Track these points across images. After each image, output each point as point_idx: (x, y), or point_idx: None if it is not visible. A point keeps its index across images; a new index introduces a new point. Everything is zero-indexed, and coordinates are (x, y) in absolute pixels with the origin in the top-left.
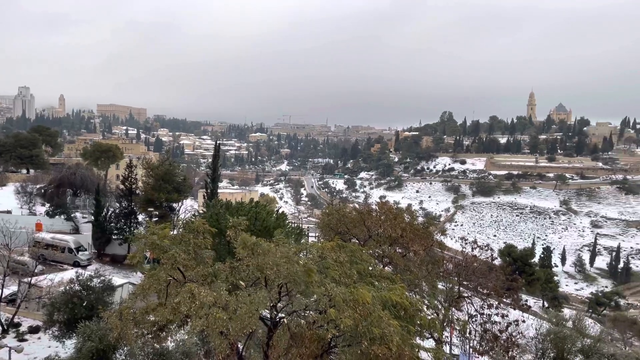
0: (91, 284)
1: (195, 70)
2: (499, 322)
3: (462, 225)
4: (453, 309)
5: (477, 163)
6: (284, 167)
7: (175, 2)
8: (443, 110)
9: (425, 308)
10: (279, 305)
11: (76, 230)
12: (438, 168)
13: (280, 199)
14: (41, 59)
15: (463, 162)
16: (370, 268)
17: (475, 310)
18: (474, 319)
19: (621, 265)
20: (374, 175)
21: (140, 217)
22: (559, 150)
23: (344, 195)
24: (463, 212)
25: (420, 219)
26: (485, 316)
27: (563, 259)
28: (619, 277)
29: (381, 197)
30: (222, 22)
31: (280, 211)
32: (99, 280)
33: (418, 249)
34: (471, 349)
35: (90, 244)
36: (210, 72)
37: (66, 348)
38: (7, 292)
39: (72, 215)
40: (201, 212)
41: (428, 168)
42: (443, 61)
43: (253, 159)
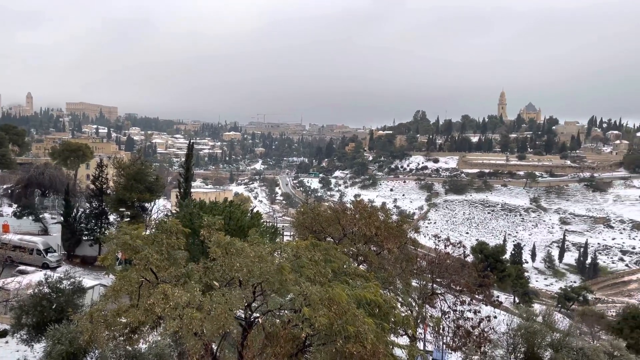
0: (61, 286)
1: (170, 68)
2: (472, 318)
3: (435, 223)
4: (427, 305)
5: (449, 161)
6: (258, 166)
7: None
8: (416, 109)
9: (399, 305)
10: (254, 304)
11: (45, 232)
12: (412, 167)
13: (255, 198)
14: (7, 55)
15: (436, 161)
16: (344, 266)
17: (449, 307)
18: (447, 316)
19: (589, 260)
20: (348, 174)
21: (112, 218)
22: (528, 149)
23: (319, 194)
24: (436, 210)
25: (394, 217)
26: (458, 312)
27: (533, 255)
28: (587, 273)
29: (356, 196)
30: (199, 20)
31: (254, 210)
32: (68, 282)
33: (392, 247)
34: (444, 345)
35: (60, 245)
36: (185, 71)
37: (35, 352)
38: None
39: (41, 216)
40: (174, 212)
41: (402, 167)
42: (417, 61)
43: (227, 158)
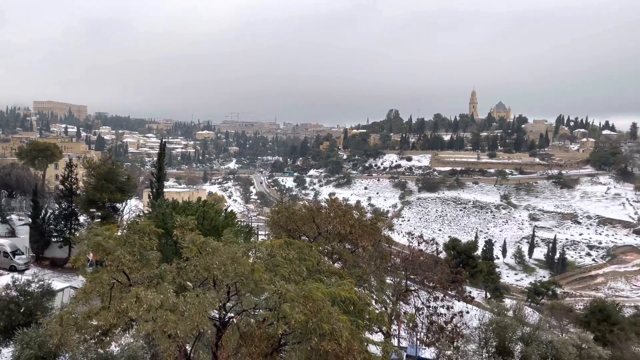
0: (29, 289)
1: (144, 67)
2: (445, 314)
3: (408, 220)
4: (401, 302)
5: (422, 160)
6: (232, 165)
7: None
8: (390, 108)
9: (373, 302)
10: (228, 304)
11: (12, 234)
12: (385, 165)
13: (229, 197)
14: None
15: (409, 159)
16: (319, 264)
17: (422, 303)
18: (420, 312)
19: (557, 256)
20: (323, 172)
21: (82, 219)
22: (499, 147)
23: (294, 193)
24: (410, 208)
25: (368, 215)
26: (431, 308)
27: (504, 251)
28: (556, 267)
29: (330, 194)
30: (175, 20)
31: (229, 210)
32: (37, 285)
33: (366, 244)
34: (418, 341)
35: (28, 247)
36: (159, 70)
37: (3, 357)
38: None
39: (8, 217)
40: (146, 212)
41: (376, 165)
42: (391, 62)
43: (200, 157)
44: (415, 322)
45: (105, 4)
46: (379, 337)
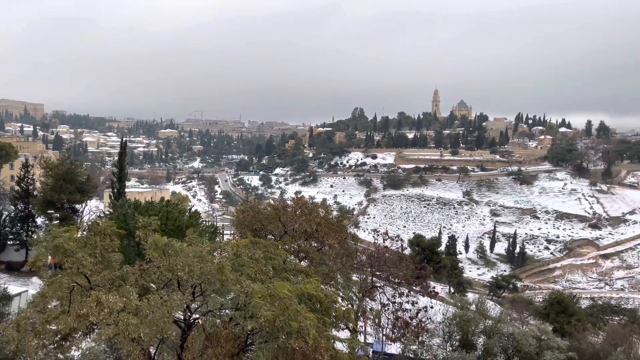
0: None
1: (105, 65)
2: (410, 309)
3: (374, 217)
4: (367, 299)
5: (387, 157)
6: (196, 164)
7: None
8: (355, 106)
9: (340, 299)
10: (193, 305)
11: None
12: (351, 163)
13: (194, 197)
14: None
15: (374, 157)
16: (285, 263)
17: (388, 299)
18: (386, 308)
19: (517, 250)
20: (289, 171)
21: (39, 221)
22: (461, 144)
23: (260, 192)
24: (375, 205)
25: (334, 213)
26: (396, 304)
27: (466, 247)
28: (516, 262)
29: (297, 193)
30: (139, 17)
31: (193, 210)
32: None
33: (333, 242)
34: (384, 337)
35: None
36: (121, 67)
37: None
38: None
39: None
40: (107, 213)
41: (341, 163)
42: (357, 61)
43: (163, 157)
44: (381, 318)
45: (67, 1)
46: (345, 334)
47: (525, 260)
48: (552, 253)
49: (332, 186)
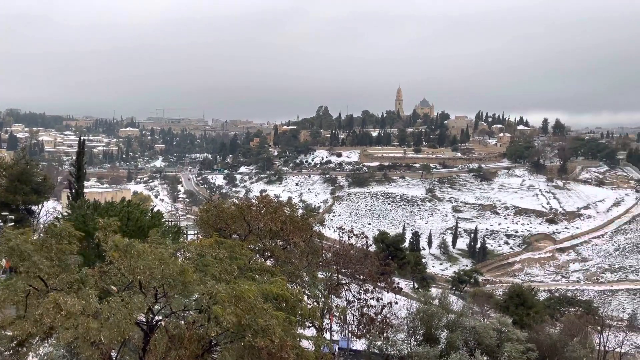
0: None
1: (63, 62)
2: (375, 306)
3: (339, 215)
4: (333, 296)
5: (352, 155)
6: (158, 163)
7: None
8: (320, 105)
9: (306, 298)
10: (156, 307)
11: None
12: (316, 161)
13: (156, 197)
14: None
15: (339, 155)
16: (250, 262)
17: (353, 296)
18: (351, 305)
19: (478, 245)
20: (254, 169)
21: None
22: (424, 142)
23: (224, 191)
24: (340, 203)
25: (300, 212)
26: (362, 301)
27: (429, 243)
28: (477, 256)
29: (262, 191)
30: (99, 13)
31: (155, 210)
32: None
33: (298, 240)
34: (350, 333)
35: None
36: (80, 65)
37: None
38: None
39: None
40: (65, 214)
41: (307, 161)
42: (322, 59)
43: (124, 156)
44: (346, 315)
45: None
46: (311, 331)
47: (486, 255)
48: (511, 247)
49: (297, 184)
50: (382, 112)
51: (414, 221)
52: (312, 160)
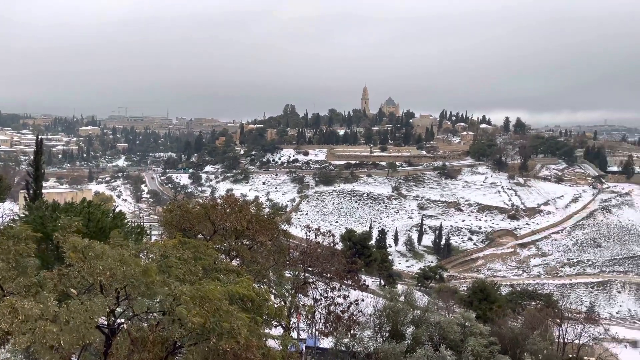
0: None
1: (18, 59)
2: (342, 303)
3: (307, 214)
4: (300, 295)
5: (319, 154)
6: (121, 162)
7: None
8: (286, 103)
9: (273, 297)
10: (118, 310)
11: None
12: (283, 160)
13: (119, 197)
14: None
15: (306, 154)
16: (216, 263)
17: (320, 294)
18: (319, 303)
19: (443, 242)
20: (220, 168)
21: None
22: (389, 141)
23: (189, 190)
24: (307, 202)
25: (266, 210)
26: (329, 299)
27: (396, 240)
28: (442, 253)
29: (228, 191)
30: (57, 11)
31: (117, 210)
32: None
33: (265, 239)
34: (317, 332)
35: None
36: (36, 61)
37: None
38: None
39: None
40: (22, 215)
41: (274, 160)
42: (288, 58)
43: (85, 155)
44: (313, 314)
45: None
46: (278, 331)
47: (450, 251)
48: (475, 244)
49: (264, 183)
50: (349, 110)
51: (381, 219)
52: (279, 159)
